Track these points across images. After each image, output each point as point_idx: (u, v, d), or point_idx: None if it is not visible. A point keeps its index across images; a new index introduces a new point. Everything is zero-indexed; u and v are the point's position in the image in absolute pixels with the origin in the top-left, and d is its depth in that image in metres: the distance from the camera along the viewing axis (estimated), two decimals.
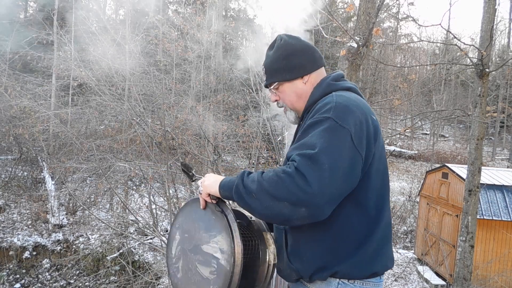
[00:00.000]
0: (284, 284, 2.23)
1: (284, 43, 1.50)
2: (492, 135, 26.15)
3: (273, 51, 1.52)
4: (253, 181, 1.24)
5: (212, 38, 11.20)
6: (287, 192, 1.16)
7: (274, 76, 1.51)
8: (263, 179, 1.22)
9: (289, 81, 1.49)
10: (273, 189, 1.18)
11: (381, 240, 1.35)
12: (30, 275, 10.31)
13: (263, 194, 1.20)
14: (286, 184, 1.17)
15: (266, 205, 1.20)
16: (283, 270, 1.46)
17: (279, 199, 1.18)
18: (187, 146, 8.37)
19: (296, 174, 1.16)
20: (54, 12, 12.79)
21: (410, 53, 25.63)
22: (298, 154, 1.21)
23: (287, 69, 1.48)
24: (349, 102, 1.30)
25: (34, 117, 9.77)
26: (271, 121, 6.95)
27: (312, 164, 1.17)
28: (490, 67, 7.34)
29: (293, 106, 1.53)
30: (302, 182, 1.15)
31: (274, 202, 1.19)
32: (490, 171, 11.11)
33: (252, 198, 1.23)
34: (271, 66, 1.51)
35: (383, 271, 1.38)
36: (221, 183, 1.37)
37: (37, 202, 11.86)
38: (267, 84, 1.55)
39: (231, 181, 1.33)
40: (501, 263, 9.55)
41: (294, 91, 1.50)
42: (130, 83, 8.73)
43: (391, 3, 16.68)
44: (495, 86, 24.92)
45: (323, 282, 1.35)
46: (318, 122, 1.26)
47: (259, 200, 1.21)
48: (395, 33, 25.80)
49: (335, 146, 1.20)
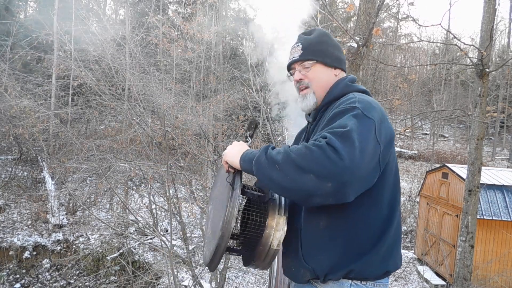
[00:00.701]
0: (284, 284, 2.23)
1: (327, 33, 1.55)
2: (492, 135, 26.14)
3: (314, 35, 1.53)
4: (279, 153, 1.19)
5: (212, 38, 11.20)
6: (316, 164, 1.12)
7: (314, 54, 1.50)
8: (290, 150, 1.18)
9: (325, 66, 1.51)
10: (301, 159, 1.13)
11: (393, 239, 1.37)
12: (30, 275, 10.31)
13: (289, 165, 1.15)
14: (316, 155, 1.12)
15: (290, 177, 1.15)
16: (295, 271, 1.43)
17: (306, 171, 1.12)
18: (187, 146, 8.37)
19: (328, 147, 1.12)
20: (54, 12, 12.78)
21: (410, 53, 25.63)
22: (328, 131, 1.18)
23: (328, 54, 1.51)
24: (371, 101, 1.33)
25: (34, 117, 9.76)
26: (271, 121, 6.95)
27: (343, 140, 1.14)
28: (490, 67, 7.34)
29: (317, 90, 1.50)
30: (334, 154, 1.11)
31: (300, 174, 1.13)
32: (490, 171, 11.12)
33: (275, 169, 1.17)
34: (312, 46, 1.51)
35: (394, 270, 1.40)
36: (242, 154, 1.33)
37: (37, 202, 11.85)
38: (300, 59, 1.51)
39: (253, 153, 1.28)
40: (501, 263, 9.55)
41: (326, 76, 1.51)
42: (130, 83, 8.72)
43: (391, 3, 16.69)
44: (495, 86, 24.92)
45: (336, 283, 1.35)
46: (345, 110, 1.27)
47: (283, 171, 1.16)
48: (395, 33, 25.80)
49: (363, 131, 1.19)
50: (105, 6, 19.58)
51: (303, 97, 1.53)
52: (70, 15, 12.65)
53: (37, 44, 11.63)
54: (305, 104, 1.52)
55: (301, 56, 1.51)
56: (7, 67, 10.92)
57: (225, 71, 12.30)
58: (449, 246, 10.16)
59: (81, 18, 10.92)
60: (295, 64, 1.54)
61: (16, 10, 15.56)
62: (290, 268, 1.47)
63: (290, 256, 1.45)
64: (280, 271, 2.27)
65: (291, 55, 1.56)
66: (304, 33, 1.57)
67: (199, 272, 8.38)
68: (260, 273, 10.65)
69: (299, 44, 1.53)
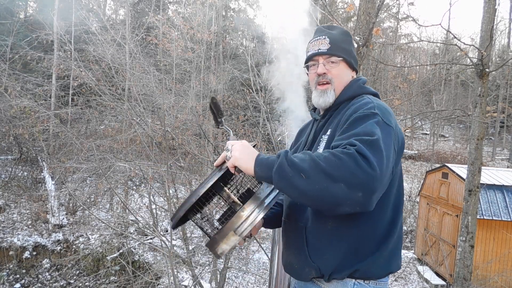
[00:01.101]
0: (284, 284, 2.23)
1: (349, 33, 1.56)
2: (492, 135, 26.14)
3: (338, 32, 1.52)
4: (303, 160, 1.14)
5: (212, 38, 11.20)
6: (348, 173, 1.08)
7: (342, 52, 1.49)
8: (317, 158, 1.12)
9: (349, 66, 1.52)
10: (331, 168, 1.09)
11: (397, 241, 1.39)
12: (30, 275, 10.31)
13: (318, 174, 1.10)
14: (347, 164, 1.09)
15: (318, 187, 1.10)
16: (299, 268, 1.43)
17: (337, 180, 1.09)
18: (187, 146, 8.37)
19: (359, 155, 1.10)
20: (54, 12, 12.79)
21: (410, 53, 25.61)
22: (356, 139, 1.16)
23: (353, 56, 1.53)
24: (386, 106, 1.35)
25: (34, 117, 9.77)
26: (271, 121, 6.96)
27: (373, 149, 1.13)
28: (490, 67, 7.34)
29: (338, 88, 1.49)
30: (365, 164, 1.09)
31: (330, 183, 1.09)
32: (490, 171, 11.12)
33: (301, 178, 1.12)
34: (339, 42, 1.49)
35: (396, 270, 1.41)
36: (257, 160, 1.22)
37: (37, 202, 11.85)
38: (328, 53, 1.47)
39: (270, 159, 1.20)
40: (501, 263, 9.55)
41: (347, 76, 1.52)
42: (130, 83, 8.72)
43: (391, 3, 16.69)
44: (495, 86, 24.92)
45: (340, 282, 1.35)
46: (367, 116, 1.26)
47: (311, 179, 1.11)
48: (395, 33, 25.80)
49: (386, 139, 1.20)
50: (105, 6, 19.59)
51: (322, 92, 1.48)
52: (70, 15, 12.65)
53: (37, 44, 11.63)
54: (323, 99, 1.48)
55: (329, 50, 1.47)
56: (7, 67, 10.93)
57: (225, 71, 12.30)
58: (449, 246, 10.16)
59: (81, 18, 10.92)
60: (319, 57, 1.48)
61: (16, 10, 15.56)
62: (292, 266, 1.46)
63: (293, 254, 1.45)
64: (280, 271, 2.27)
65: (314, 47, 1.50)
66: (327, 27, 1.54)
67: (199, 272, 8.39)
68: (260, 273, 10.65)
69: (326, 37, 1.48)
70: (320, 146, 1.40)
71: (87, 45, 10.81)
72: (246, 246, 11.28)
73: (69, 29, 12.21)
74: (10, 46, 12.52)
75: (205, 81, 11.39)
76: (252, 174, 1.24)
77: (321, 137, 1.44)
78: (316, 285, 1.42)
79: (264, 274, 10.34)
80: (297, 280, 1.50)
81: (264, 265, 10.99)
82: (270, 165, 1.18)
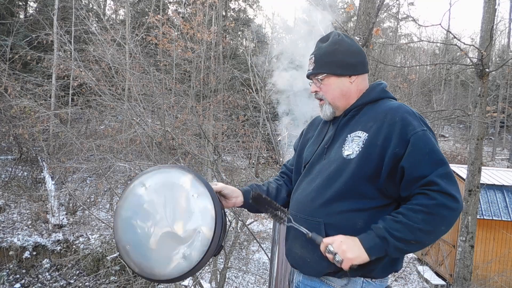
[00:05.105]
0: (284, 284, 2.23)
1: (341, 39, 1.53)
2: (492, 135, 26.15)
3: (327, 43, 1.53)
4: (403, 230, 1.26)
5: (212, 38, 11.19)
6: (445, 220, 1.25)
7: (324, 67, 1.52)
8: (414, 223, 1.25)
9: (337, 76, 1.52)
10: (431, 227, 1.25)
11: None
12: (30, 275, 10.31)
13: (423, 237, 1.27)
14: (443, 214, 1.24)
15: (428, 242, 1.30)
16: (313, 262, 1.44)
17: (439, 230, 1.27)
18: (187, 146, 8.36)
19: (446, 198, 1.24)
20: (54, 12, 12.79)
21: (410, 53, 25.60)
22: (436, 175, 1.26)
23: (339, 64, 1.51)
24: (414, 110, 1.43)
25: (34, 117, 9.75)
26: (271, 121, 6.95)
27: (451, 181, 1.27)
28: (490, 67, 7.35)
29: (333, 101, 1.53)
30: (453, 202, 1.24)
31: (435, 235, 1.28)
32: (490, 171, 11.12)
33: (412, 245, 1.28)
34: (323, 57, 1.52)
35: (399, 270, 1.47)
36: (367, 250, 1.31)
37: (37, 202, 11.85)
38: (313, 73, 1.55)
39: (376, 243, 1.30)
40: (501, 263, 9.56)
41: (339, 87, 1.52)
42: (130, 83, 8.72)
43: (391, 3, 16.68)
44: (495, 86, 24.93)
45: (351, 280, 1.39)
46: (423, 136, 1.33)
47: (421, 242, 1.29)
48: (395, 33, 25.81)
49: (442, 155, 1.33)
50: (105, 6, 19.59)
51: (320, 107, 1.59)
52: (70, 15, 12.65)
53: (37, 44, 11.63)
54: (323, 114, 1.58)
55: (313, 69, 1.54)
56: (7, 67, 10.93)
57: (225, 71, 12.29)
58: (449, 246, 10.16)
59: (81, 18, 10.92)
60: (311, 76, 1.57)
61: (16, 10, 15.57)
62: (304, 260, 1.47)
63: (307, 248, 1.45)
64: (280, 271, 2.27)
65: (308, 66, 1.60)
66: (321, 39, 1.58)
67: (199, 272, 8.38)
68: (260, 273, 10.65)
69: (313, 56, 1.55)
70: (348, 147, 1.43)
71: (87, 45, 10.80)
72: (246, 246, 11.29)
73: (69, 29, 12.21)
74: (10, 46, 12.52)
75: (205, 81, 11.39)
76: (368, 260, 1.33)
77: (346, 136, 1.46)
78: (323, 282, 1.43)
79: (264, 274, 10.34)
80: (302, 278, 1.51)
81: (264, 265, 10.99)
82: (380, 249, 1.30)
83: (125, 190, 1.45)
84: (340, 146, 1.45)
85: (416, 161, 1.29)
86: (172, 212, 1.37)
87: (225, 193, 1.59)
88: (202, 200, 1.37)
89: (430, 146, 1.31)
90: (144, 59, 9.77)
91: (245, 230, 9.32)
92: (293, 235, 1.54)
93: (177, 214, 1.37)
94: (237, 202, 1.62)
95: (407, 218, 1.26)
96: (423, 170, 1.27)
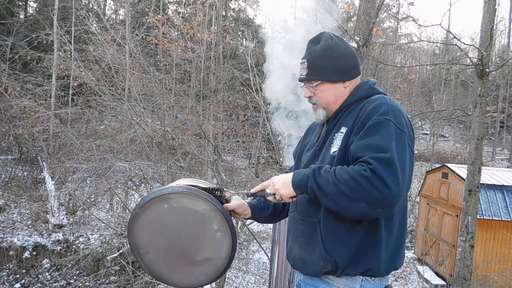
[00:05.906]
0: (284, 284, 2.23)
1: (334, 43, 1.50)
2: (492, 135, 26.15)
3: (320, 47, 1.50)
4: (328, 183, 1.28)
5: (212, 38, 11.18)
6: (366, 195, 1.22)
7: (318, 74, 1.50)
8: (338, 182, 1.26)
9: (332, 82, 1.51)
10: (351, 192, 1.24)
11: (401, 239, 1.46)
12: (30, 275, 10.31)
13: (340, 197, 1.26)
14: (364, 187, 1.22)
15: (343, 206, 1.27)
16: (312, 262, 1.45)
17: (358, 201, 1.24)
18: (187, 146, 8.36)
19: (374, 177, 1.21)
20: (54, 12, 12.78)
21: (410, 53, 25.61)
22: (371, 157, 1.25)
23: (334, 71, 1.49)
24: (399, 105, 1.40)
25: (34, 117, 9.75)
26: (271, 121, 6.95)
27: (388, 168, 1.23)
28: (490, 67, 7.35)
29: (327, 106, 1.54)
30: (381, 185, 1.21)
31: (351, 203, 1.25)
32: (490, 171, 11.12)
33: (328, 199, 1.29)
34: (317, 63, 1.50)
35: (399, 268, 1.49)
36: (293, 183, 1.40)
37: (37, 202, 11.85)
38: (306, 79, 1.53)
39: (303, 180, 1.36)
40: (501, 263, 9.56)
41: (334, 92, 1.52)
42: (130, 83, 8.72)
43: (391, 3, 16.67)
44: (495, 86, 24.92)
45: (350, 278, 1.41)
46: (380, 123, 1.32)
47: (335, 201, 1.28)
48: (395, 33, 25.81)
49: (401, 150, 1.29)
50: (105, 6, 19.58)
51: (314, 111, 1.59)
52: (70, 15, 12.64)
53: (37, 44, 11.63)
54: (316, 117, 1.60)
55: (307, 75, 1.52)
56: (7, 67, 10.93)
57: (225, 71, 12.28)
58: (449, 246, 10.16)
59: (81, 18, 10.92)
60: (304, 81, 1.56)
61: (16, 10, 15.56)
62: (304, 260, 1.49)
63: (306, 248, 1.48)
64: (280, 271, 2.27)
65: (300, 71, 1.58)
66: (313, 41, 1.55)
67: None
68: (260, 273, 10.65)
69: (305, 61, 1.53)
70: (334, 144, 1.45)
71: (87, 45, 10.80)
72: (246, 246, 11.29)
73: (69, 29, 12.20)
74: (10, 46, 12.51)
75: (205, 81, 11.38)
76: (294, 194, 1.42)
77: (333, 135, 1.48)
78: (324, 281, 1.45)
79: (264, 274, 10.34)
80: (303, 277, 1.52)
81: (264, 265, 10.99)
82: (304, 186, 1.36)
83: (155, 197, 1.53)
84: (328, 146, 1.48)
85: (362, 144, 1.31)
86: (194, 238, 1.53)
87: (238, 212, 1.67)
88: (224, 239, 1.51)
89: (382, 133, 1.29)
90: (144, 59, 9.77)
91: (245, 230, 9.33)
92: (293, 237, 1.56)
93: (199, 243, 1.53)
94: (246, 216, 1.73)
95: (335, 173, 1.28)
96: (363, 154, 1.28)
